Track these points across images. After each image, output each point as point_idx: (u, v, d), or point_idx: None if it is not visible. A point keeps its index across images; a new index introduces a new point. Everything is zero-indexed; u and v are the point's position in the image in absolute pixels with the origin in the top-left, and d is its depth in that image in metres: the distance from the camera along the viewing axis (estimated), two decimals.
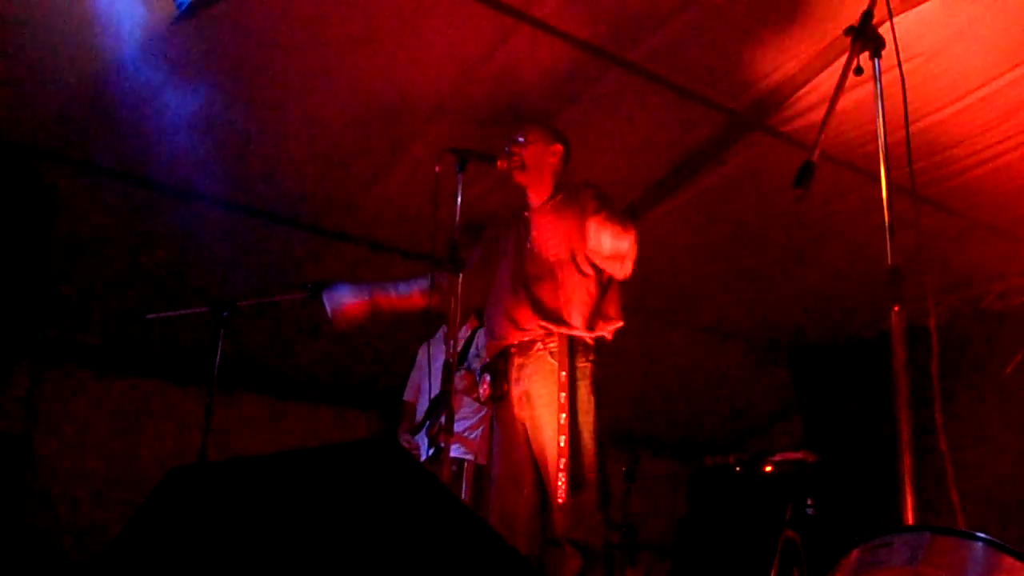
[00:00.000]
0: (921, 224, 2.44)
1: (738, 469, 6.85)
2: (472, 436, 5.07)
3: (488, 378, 3.79)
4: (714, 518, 7.19)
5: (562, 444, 3.43)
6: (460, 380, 4.77)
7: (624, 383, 6.80)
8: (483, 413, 4.86)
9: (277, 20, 4.11)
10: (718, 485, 7.17)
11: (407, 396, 5.34)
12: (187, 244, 5.37)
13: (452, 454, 4.87)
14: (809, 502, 6.13)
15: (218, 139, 4.67)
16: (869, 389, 4.81)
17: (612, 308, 3.82)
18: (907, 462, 2.06)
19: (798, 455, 6.34)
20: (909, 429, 2.08)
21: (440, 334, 5.20)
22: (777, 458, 6.48)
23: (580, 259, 3.71)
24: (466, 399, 4.85)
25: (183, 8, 3.63)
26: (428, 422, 4.97)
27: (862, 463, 6.19)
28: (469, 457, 5.04)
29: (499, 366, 3.75)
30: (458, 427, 4.97)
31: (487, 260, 4.08)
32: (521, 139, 3.89)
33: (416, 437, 5.13)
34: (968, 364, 5.76)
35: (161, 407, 6.25)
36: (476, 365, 4.66)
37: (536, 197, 3.91)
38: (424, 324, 5.37)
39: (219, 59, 4.27)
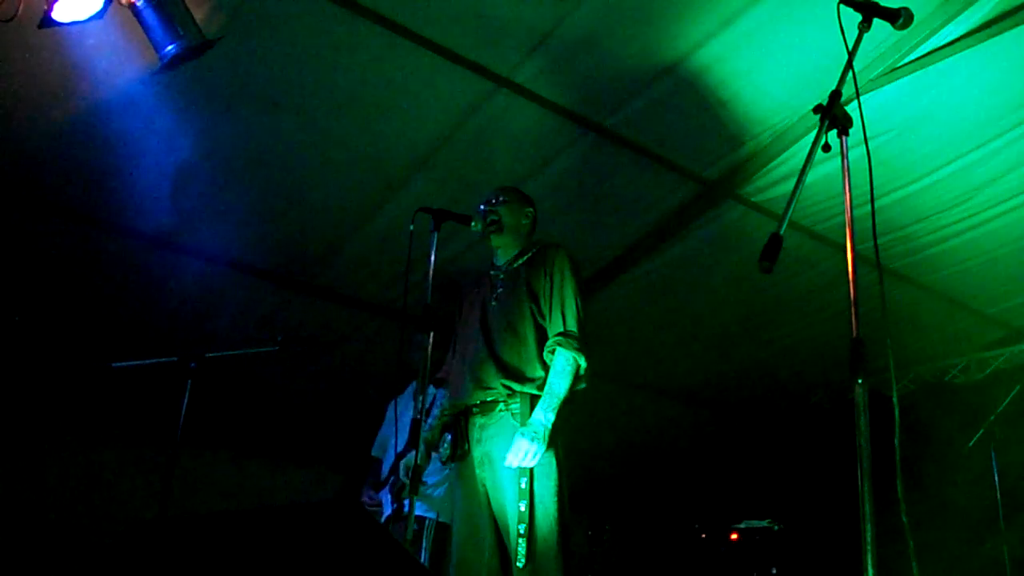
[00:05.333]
0: (886, 297, 2.48)
1: (703, 536, 6.83)
2: (436, 494, 4.97)
3: (449, 438, 3.74)
4: None
5: (522, 508, 3.38)
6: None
7: (587, 446, 6.78)
8: (447, 471, 4.72)
9: (259, 75, 4.16)
10: (683, 552, 7.13)
11: (375, 451, 5.30)
12: (156, 293, 5.33)
13: (415, 512, 4.82)
14: (774, 571, 6.11)
15: (193, 190, 4.67)
16: (833, 457, 4.84)
17: None
18: (869, 534, 2.07)
19: (763, 523, 6.34)
20: (871, 501, 2.09)
21: (409, 390, 5.18)
22: (742, 526, 6.48)
23: (541, 319, 3.71)
24: (432, 455, 4.81)
25: (165, 60, 3.65)
26: (391, 479, 4.92)
27: (825, 532, 6.18)
28: (431, 515, 4.94)
29: (460, 425, 3.72)
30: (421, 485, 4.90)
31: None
32: (497, 199, 3.93)
33: (380, 494, 5.07)
34: (931, 436, 5.80)
35: (122, 459, 6.14)
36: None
37: (505, 255, 3.93)
38: (394, 382, 5.36)
39: (198, 112, 4.29)
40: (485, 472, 3.59)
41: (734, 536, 6.57)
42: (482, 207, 3.91)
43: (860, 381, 2.16)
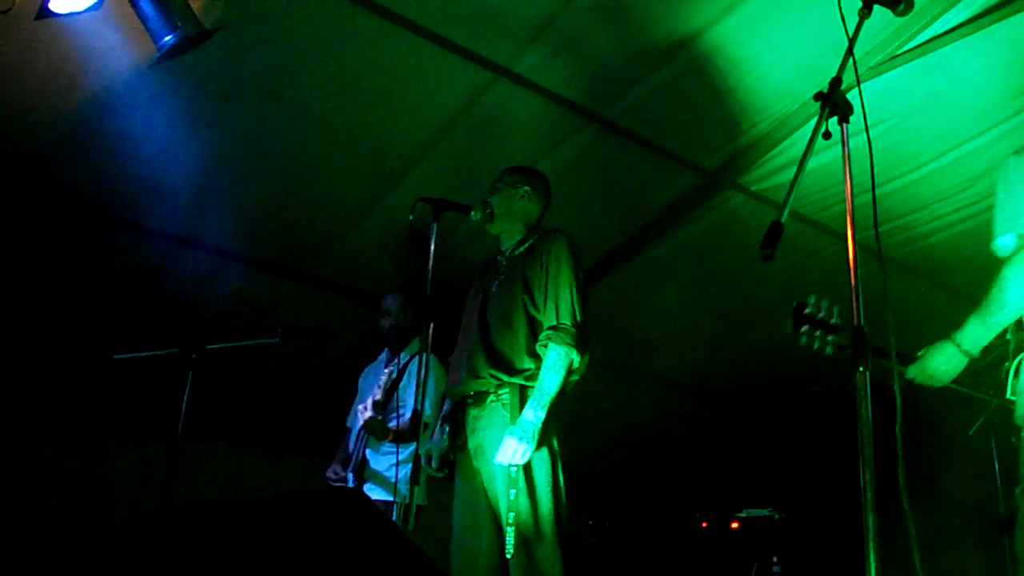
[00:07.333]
0: (887, 285, 2.47)
1: (704, 525, 6.85)
2: (401, 476, 4.62)
3: (447, 428, 3.74)
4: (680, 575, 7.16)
5: (512, 497, 3.36)
6: (363, 411, 4.61)
7: (587, 435, 6.79)
8: (411, 449, 4.31)
9: (257, 65, 4.15)
10: (684, 541, 7.15)
11: (348, 421, 5.20)
12: (157, 285, 5.33)
13: (373, 497, 4.68)
14: (775, 559, 6.12)
15: (193, 181, 4.66)
16: (834, 446, 4.85)
17: None
18: (870, 522, 2.07)
19: (764, 512, 6.35)
20: (873, 489, 2.09)
21: (382, 358, 5.13)
22: (743, 514, 6.49)
23: (534, 310, 3.65)
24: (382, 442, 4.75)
25: (163, 51, 3.64)
26: (353, 457, 4.85)
27: (827, 520, 6.20)
28: (391, 498, 4.67)
29: (456, 416, 3.73)
30: (379, 465, 4.80)
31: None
32: (492, 188, 3.91)
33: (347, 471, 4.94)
34: (930, 425, 5.80)
35: (123, 450, 6.14)
36: (378, 397, 4.57)
37: (508, 241, 3.89)
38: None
39: (196, 102, 4.28)
40: (480, 463, 3.58)
41: (735, 525, 6.58)
42: (484, 197, 3.92)
43: (862, 369, 2.16)
